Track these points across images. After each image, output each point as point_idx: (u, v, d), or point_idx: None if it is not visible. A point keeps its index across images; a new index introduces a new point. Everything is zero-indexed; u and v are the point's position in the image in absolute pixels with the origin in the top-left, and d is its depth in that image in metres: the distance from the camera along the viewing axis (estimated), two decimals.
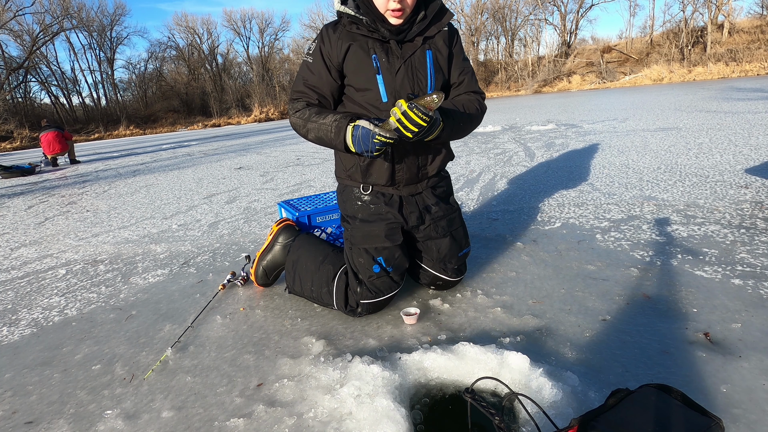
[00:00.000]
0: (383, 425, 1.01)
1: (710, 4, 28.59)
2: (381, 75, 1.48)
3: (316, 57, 1.53)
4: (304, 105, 1.55)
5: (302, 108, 1.54)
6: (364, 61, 1.48)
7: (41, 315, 1.94)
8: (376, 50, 1.48)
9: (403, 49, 1.50)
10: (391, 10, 1.39)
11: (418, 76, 1.50)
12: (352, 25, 1.48)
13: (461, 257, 1.72)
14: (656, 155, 4.20)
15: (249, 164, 6.75)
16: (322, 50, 1.51)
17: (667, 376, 1.16)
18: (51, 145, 9.35)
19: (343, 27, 1.49)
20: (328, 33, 1.50)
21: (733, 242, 1.99)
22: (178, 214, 3.77)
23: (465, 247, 1.74)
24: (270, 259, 1.89)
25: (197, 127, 29.37)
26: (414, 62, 1.50)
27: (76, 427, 1.19)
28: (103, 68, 37.84)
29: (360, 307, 1.58)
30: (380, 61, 1.48)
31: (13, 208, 4.96)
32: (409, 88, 1.49)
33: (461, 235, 1.72)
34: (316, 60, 1.53)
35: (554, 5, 35.24)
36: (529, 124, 8.31)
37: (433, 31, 1.51)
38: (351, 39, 1.48)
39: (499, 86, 34.45)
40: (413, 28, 1.48)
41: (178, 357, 1.48)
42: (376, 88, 1.49)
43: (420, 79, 1.51)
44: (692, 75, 23.88)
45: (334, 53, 1.49)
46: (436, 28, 1.51)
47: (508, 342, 1.37)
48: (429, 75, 1.51)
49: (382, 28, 1.45)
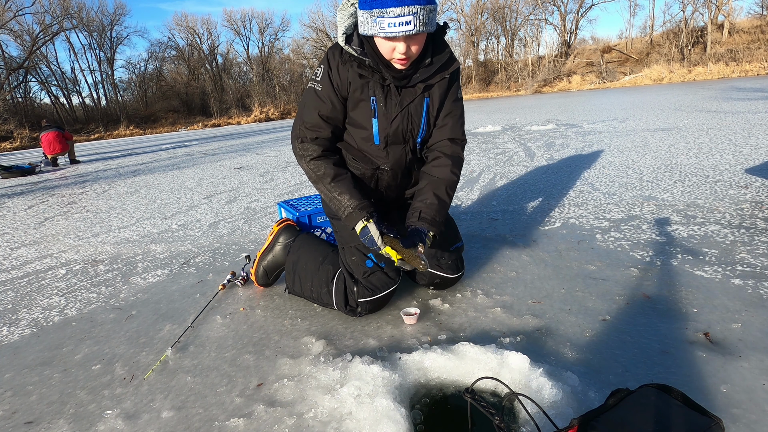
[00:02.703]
0: (383, 425, 1.01)
1: (710, 4, 28.61)
2: (377, 119, 1.48)
3: (325, 83, 1.47)
4: (318, 151, 1.50)
5: (318, 157, 1.50)
6: (363, 101, 1.47)
7: (41, 315, 1.94)
8: (376, 92, 1.46)
9: (402, 94, 1.47)
10: (396, 58, 1.34)
11: (412, 125, 1.52)
12: (353, 62, 1.43)
13: (453, 251, 1.73)
14: (656, 155, 4.20)
15: (249, 164, 6.75)
16: (330, 76, 1.46)
17: (667, 376, 1.16)
18: (51, 145, 9.35)
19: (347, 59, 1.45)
20: (335, 58, 1.46)
21: (733, 242, 1.99)
22: (178, 214, 3.77)
23: (455, 242, 1.75)
24: (270, 259, 1.89)
25: (197, 127, 29.38)
26: (411, 110, 1.50)
27: (76, 427, 1.19)
28: (103, 68, 37.90)
29: (359, 307, 1.58)
30: (378, 104, 1.47)
31: (13, 208, 4.96)
32: (401, 135, 1.52)
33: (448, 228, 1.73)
34: (325, 87, 1.47)
35: (554, 5, 35.27)
36: (529, 124, 8.31)
37: (436, 79, 1.46)
38: (354, 73, 1.44)
39: (499, 86, 34.46)
40: (416, 74, 1.43)
41: (178, 357, 1.48)
42: (371, 129, 1.50)
43: (413, 127, 1.53)
44: (692, 75, 23.87)
45: (343, 81, 1.46)
46: (440, 77, 1.46)
47: (508, 342, 1.37)
48: (422, 124, 1.53)
49: (384, 71, 1.40)
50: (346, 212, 1.45)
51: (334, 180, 1.48)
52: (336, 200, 1.47)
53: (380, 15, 1.24)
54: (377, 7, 1.23)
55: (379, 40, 1.33)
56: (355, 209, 1.44)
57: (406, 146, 1.57)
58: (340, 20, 1.42)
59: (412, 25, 1.23)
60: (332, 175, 1.49)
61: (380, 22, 1.24)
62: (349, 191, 1.46)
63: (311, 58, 42.01)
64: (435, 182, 1.53)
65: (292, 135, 1.58)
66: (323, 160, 1.51)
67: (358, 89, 1.46)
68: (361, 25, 1.33)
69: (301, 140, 1.53)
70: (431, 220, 1.47)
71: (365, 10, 1.27)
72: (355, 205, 1.44)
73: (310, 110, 1.51)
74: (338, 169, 1.51)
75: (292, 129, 1.58)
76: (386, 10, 1.22)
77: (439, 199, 1.51)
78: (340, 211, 1.47)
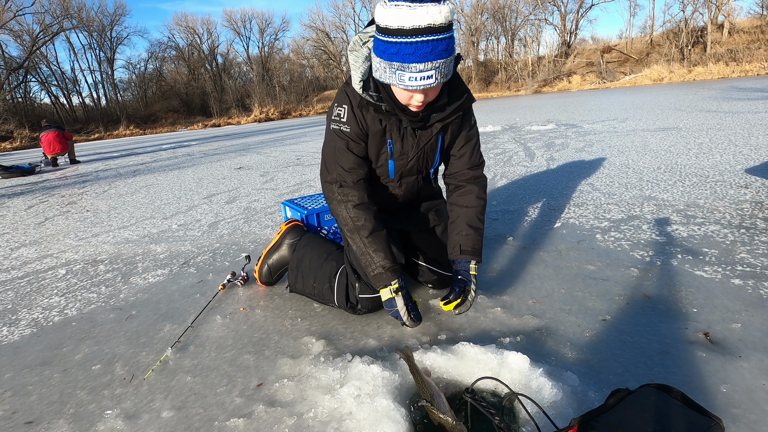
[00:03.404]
0: (383, 425, 1.01)
1: (710, 4, 28.60)
2: (393, 161, 1.51)
3: (351, 124, 1.43)
4: (362, 198, 1.44)
5: (360, 204, 1.43)
6: (380, 142, 1.47)
7: (41, 315, 1.94)
8: (393, 134, 1.45)
9: (419, 136, 1.47)
10: (414, 105, 1.30)
11: (427, 161, 1.56)
12: (370, 107, 1.40)
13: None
14: (656, 155, 4.20)
15: (249, 164, 6.75)
16: (357, 116, 1.42)
17: (667, 376, 1.16)
18: (51, 145, 9.35)
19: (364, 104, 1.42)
20: (354, 97, 1.41)
21: (733, 242, 1.99)
22: (178, 214, 3.77)
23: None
24: (276, 258, 1.90)
25: (197, 127, 29.37)
26: (426, 150, 1.51)
27: (76, 427, 1.19)
28: (103, 68, 37.91)
29: (360, 304, 1.58)
30: (395, 146, 1.48)
31: (13, 208, 4.96)
32: (415, 170, 1.56)
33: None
34: (353, 127, 1.43)
35: (554, 5, 35.25)
36: (529, 124, 8.31)
37: (452, 117, 1.44)
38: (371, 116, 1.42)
39: (499, 86, 34.45)
40: (433, 114, 1.41)
41: (178, 357, 1.48)
42: (386, 167, 1.53)
43: (428, 163, 1.57)
44: (692, 75, 23.86)
45: (366, 121, 1.43)
46: (454, 114, 1.44)
47: (508, 342, 1.37)
48: (436, 159, 1.57)
49: (401, 115, 1.37)
50: (376, 271, 1.40)
51: (372, 234, 1.42)
52: (369, 256, 1.41)
53: (401, 69, 1.18)
54: (398, 60, 1.17)
55: (395, 88, 1.28)
56: (387, 271, 1.39)
57: (419, 176, 1.62)
58: (353, 63, 1.35)
59: (433, 79, 1.19)
60: (371, 229, 1.42)
61: (400, 75, 1.19)
62: (384, 251, 1.41)
63: (311, 58, 42.08)
64: (465, 213, 1.53)
65: (326, 180, 1.49)
66: (365, 211, 1.44)
67: (377, 133, 1.45)
68: (377, 71, 1.27)
69: (340, 185, 1.45)
70: (472, 251, 1.47)
71: (384, 59, 1.20)
72: (387, 267, 1.40)
73: (343, 152, 1.45)
74: (377, 223, 1.45)
75: (322, 174, 1.51)
76: (408, 65, 1.16)
77: (474, 228, 1.51)
78: (370, 267, 1.41)
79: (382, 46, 1.19)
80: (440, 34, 1.14)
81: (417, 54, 1.15)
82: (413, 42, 1.13)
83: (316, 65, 42.44)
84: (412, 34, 1.12)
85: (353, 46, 1.36)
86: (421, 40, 1.13)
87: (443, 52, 1.16)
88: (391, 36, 1.15)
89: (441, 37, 1.14)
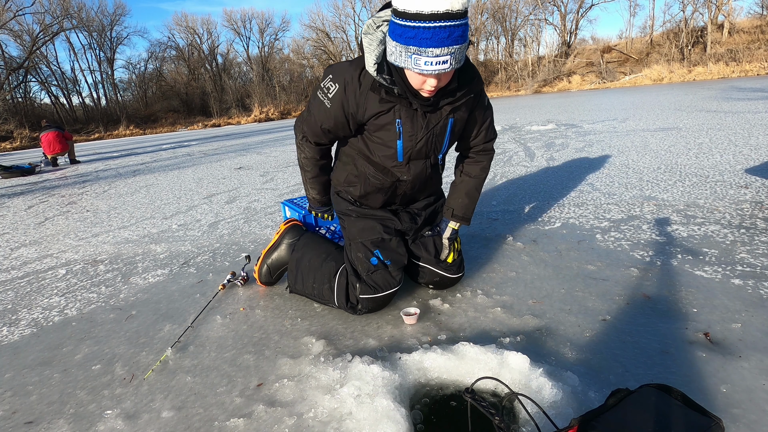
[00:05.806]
0: (383, 425, 1.01)
1: (710, 4, 28.61)
2: (402, 140, 1.50)
3: (335, 104, 1.47)
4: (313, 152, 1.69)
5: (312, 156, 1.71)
6: (388, 123, 1.47)
7: (41, 315, 1.94)
8: (402, 115, 1.45)
9: (428, 118, 1.47)
10: (426, 90, 1.32)
11: (436, 144, 1.56)
12: (381, 89, 1.41)
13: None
14: (656, 155, 4.19)
15: (249, 164, 6.75)
16: (343, 102, 1.45)
17: (667, 376, 1.16)
18: (51, 145, 9.35)
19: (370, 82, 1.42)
20: (353, 83, 1.42)
21: (733, 242, 1.99)
22: (178, 214, 3.77)
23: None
24: (275, 258, 1.90)
25: (197, 127, 29.38)
26: (435, 131, 1.51)
27: (76, 427, 1.19)
28: (103, 68, 37.91)
29: (360, 304, 1.58)
30: (404, 126, 1.47)
31: (13, 208, 4.96)
32: (423, 153, 1.57)
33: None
34: (335, 107, 1.47)
35: (554, 5, 35.26)
36: (529, 124, 8.31)
37: (462, 100, 1.47)
38: (378, 97, 1.42)
39: (499, 86, 34.45)
40: (443, 98, 1.42)
41: (178, 357, 1.48)
42: (395, 149, 1.53)
43: (437, 146, 1.57)
44: (692, 75, 23.87)
45: (360, 109, 1.45)
46: (464, 96, 1.46)
47: (508, 342, 1.37)
48: (445, 142, 1.57)
49: (411, 99, 1.38)
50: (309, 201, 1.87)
51: (314, 178, 1.77)
52: (307, 190, 1.83)
53: (417, 53, 1.19)
54: (414, 45, 1.18)
55: (409, 72, 1.29)
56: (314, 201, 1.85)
57: (427, 161, 1.61)
58: (368, 47, 1.35)
59: (448, 64, 1.21)
60: (314, 174, 1.76)
61: (416, 59, 1.20)
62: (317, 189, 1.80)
63: (311, 58, 42.03)
64: (467, 182, 1.74)
65: (296, 124, 1.70)
66: (314, 163, 1.73)
67: (382, 114, 1.45)
68: (391, 55, 1.28)
69: (303, 136, 1.68)
70: (462, 216, 1.73)
71: (400, 43, 1.21)
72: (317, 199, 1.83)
73: (314, 121, 1.57)
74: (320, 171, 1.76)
75: (298, 118, 1.69)
76: (425, 50, 1.18)
77: (470, 198, 1.74)
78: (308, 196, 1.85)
79: (399, 30, 1.20)
80: (457, 20, 1.16)
81: (434, 39, 1.16)
82: (431, 27, 1.15)
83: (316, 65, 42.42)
84: (431, 19, 1.14)
85: (367, 29, 1.37)
86: (438, 26, 1.15)
87: (459, 38, 1.18)
88: (408, 20, 1.17)
89: (458, 23, 1.16)
